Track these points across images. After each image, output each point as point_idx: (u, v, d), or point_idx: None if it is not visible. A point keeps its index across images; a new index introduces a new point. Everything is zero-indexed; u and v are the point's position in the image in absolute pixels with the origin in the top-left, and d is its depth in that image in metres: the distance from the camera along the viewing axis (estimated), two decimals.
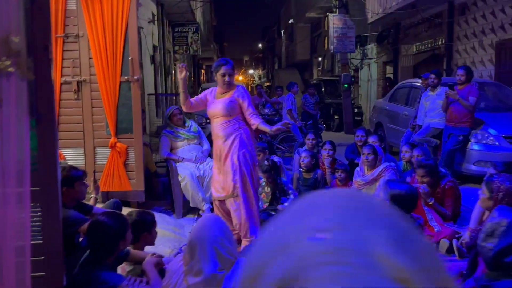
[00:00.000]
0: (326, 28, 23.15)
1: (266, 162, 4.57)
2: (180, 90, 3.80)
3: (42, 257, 2.12)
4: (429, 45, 12.20)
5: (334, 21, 14.12)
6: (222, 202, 3.83)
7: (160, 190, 5.83)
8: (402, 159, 5.07)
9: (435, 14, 11.27)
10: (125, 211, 3.51)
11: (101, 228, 2.15)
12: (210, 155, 5.31)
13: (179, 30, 17.05)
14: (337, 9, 14.53)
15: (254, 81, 52.30)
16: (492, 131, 5.88)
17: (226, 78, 3.66)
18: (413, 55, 13.53)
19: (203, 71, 36.22)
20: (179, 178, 4.85)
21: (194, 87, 26.58)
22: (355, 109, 15.70)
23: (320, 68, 24.81)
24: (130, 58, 4.37)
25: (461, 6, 10.26)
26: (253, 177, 3.70)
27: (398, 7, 11.46)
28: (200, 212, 4.92)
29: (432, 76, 6.43)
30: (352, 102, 15.60)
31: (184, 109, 3.91)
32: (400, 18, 12.99)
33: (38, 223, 2.11)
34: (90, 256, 2.17)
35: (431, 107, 6.39)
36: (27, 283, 2.14)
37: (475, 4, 9.70)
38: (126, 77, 4.40)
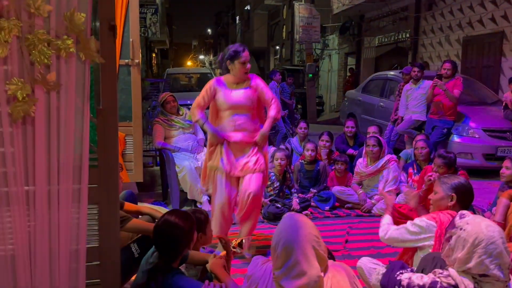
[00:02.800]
0: (285, 17, 23.18)
1: (283, 147, 4.46)
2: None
3: (98, 262, 1.90)
4: (393, 38, 12.56)
5: (300, 10, 14.11)
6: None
7: (147, 180, 5.55)
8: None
9: (401, 8, 11.60)
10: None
11: (173, 230, 1.94)
12: (205, 144, 5.11)
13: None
14: None
15: (205, 67, 51.39)
16: (472, 124, 6.15)
17: (247, 65, 3.30)
18: (375, 47, 13.89)
19: (154, 54, 35.05)
20: (177, 169, 4.61)
21: (147, 71, 25.69)
22: (317, 99, 15.90)
23: (278, 56, 24.86)
24: (131, 40, 4.05)
25: (428, 1, 10.62)
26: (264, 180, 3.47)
27: None
28: (198, 204, 4.73)
29: (416, 69, 6.58)
30: None
31: (194, 118, 3.48)
32: (365, 10, 13.24)
33: (95, 225, 1.88)
34: (160, 261, 1.96)
35: (413, 100, 6.56)
36: None
37: (443, 0, 10.07)
38: (126, 61, 4.08)
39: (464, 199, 2.42)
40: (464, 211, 1.82)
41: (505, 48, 8.37)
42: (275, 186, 4.47)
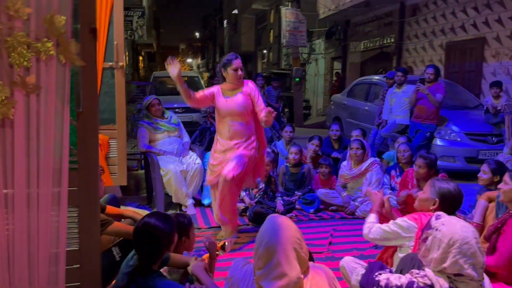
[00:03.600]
0: (272, 21, 23.30)
1: (269, 150, 4.52)
2: (178, 87, 3.54)
3: (78, 266, 1.89)
4: (378, 43, 12.72)
5: (286, 15, 14.20)
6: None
7: (131, 184, 5.51)
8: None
9: (386, 13, 11.75)
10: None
11: (153, 231, 1.94)
12: (190, 148, 5.11)
13: (124, 14, 16.19)
14: (289, 3, 14.63)
15: (192, 71, 51.32)
16: (454, 127, 6.26)
17: (239, 72, 3.52)
18: (361, 52, 14.05)
19: (141, 58, 34.86)
20: (162, 173, 4.60)
21: (134, 74, 25.54)
22: (303, 103, 15.99)
23: (265, 60, 24.96)
24: (115, 43, 4.04)
25: (412, 7, 10.79)
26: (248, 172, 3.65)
27: (352, 4, 11.79)
28: (183, 208, 4.72)
29: (399, 73, 6.69)
30: None
31: (190, 104, 3.65)
32: (351, 15, 13.39)
33: (75, 228, 1.87)
34: (140, 264, 1.96)
35: (397, 104, 6.66)
36: None
37: (426, 6, 10.24)
38: (109, 63, 4.07)
39: (447, 206, 2.40)
40: (440, 212, 1.86)
41: (486, 54, 8.55)
42: (260, 188, 4.50)
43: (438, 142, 6.23)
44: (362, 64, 14.20)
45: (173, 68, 3.49)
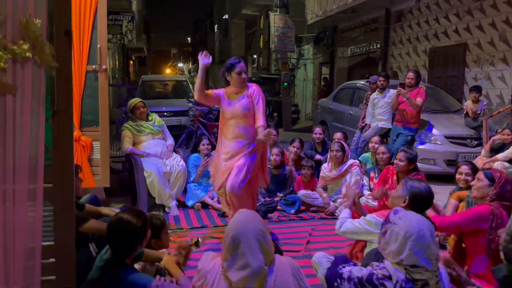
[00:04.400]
0: (261, 26, 23.46)
1: None
2: (199, 75, 3.57)
3: (53, 260, 1.96)
4: (364, 49, 12.90)
5: (275, 20, 14.37)
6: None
7: (116, 186, 5.56)
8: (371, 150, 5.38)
9: (372, 19, 11.95)
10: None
11: (125, 226, 2.03)
12: (174, 150, 5.19)
13: (113, 18, 16.25)
14: (278, 9, 14.80)
15: (183, 75, 51.37)
16: (435, 131, 6.41)
17: (242, 75, 3.57)
18: (348, 58, 14.23)
19: (131, 62, 34.83)
20: (145, 174, 4.67)
21: (124, 78, 25.54)
22: (292, 107, 16.13)
23: (255, 65, 25.10)
24: (98, 46, 4.11)
25: (397, 14, 10.99)
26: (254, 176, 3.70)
27: (338, 10, 11.97)
28: (166, 209, 4.78)
29: (381, 78, 6.83)
30: None
31: (197, 97, 3.66)
32: (338, 21, 13.58)
33: (50, 223, 1.94)
34: (113, 257, 2.04)
35: (380, 108, 6.80)
36: (36, 287, 1.95)
37: (410, 13, 10.45)
38: (93, 66, 4.14)
39: (416, 205, 2.51)
40: (399, 208, 1.96)
41: (468, 59, 8.74)
42: None
43: (419, 145, 6.36)
44: (350, 69, 14.38)
45: (206, 59, 3.54)
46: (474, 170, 3.68)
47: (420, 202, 2.55)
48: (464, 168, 3.89)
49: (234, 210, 3.61)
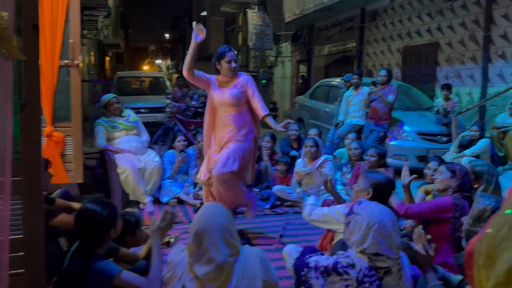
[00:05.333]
0: (240, 24, 23.46)
1: None
2: (190, 51, 3.50)
3: (22, 253, 1.95)
4: (340, 47, 13.08)
5: (253, 18, 14.39)
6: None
7: (90, 182, 5.51)
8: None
9: (348, 18, 12.12)
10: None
11: (90, 215, 2.05)
12: (149, 146, 5.17)
13: (89, 13, 15.97)
14: (256, 6, 14.83)
15: (161, 72, 50.84)
16: (406, 127, 6.57)
17: (232, 64, 3.53)
18: (325, 56, 14.40)
19: (108, 58, 34.30)
20: (119, 170, 4.65)
21: (99, 75, 25.14)
22: (270, 105, 16.21)
23: None
24: (71, 41, 4.06)
25: (372, 13, 11.18)
26: (244, 166, 3.67)
27: (315, 9, 12.08)
28: (141, 205, 4.77)
29: (355, 76, 6.97)
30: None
31: (185, 73, 3.57)
32: (315, 20, 13.71)
33: (19, 216, 1.93)
34: (81, 247, 2.06)
35: (353, 105, 6.93)
36: (4, 281, 1.95)
37: (385, 12, 10.64)
38: (65, 61, 4.08)
39: (380, 195, 2.64)
40: (362, 199, 2.04)
41: (440, 58, 8.98)
42: None
43: (390, 141, 6.52)
44: (326, 67, 14.55)
45: (199, 36, 3.45)
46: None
47: (382, 192, 2.67)
48: (432, 164, 4.01)
49: (218, 201, 3.57)
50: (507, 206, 0.61)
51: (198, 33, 3.46)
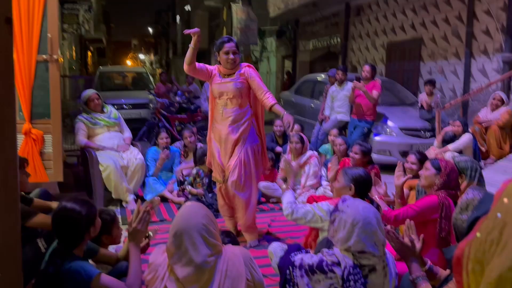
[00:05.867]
0: (225, 18, 23.28)
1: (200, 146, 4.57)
2: (191, 45, 3.36)
3: None
4: (325, 43, 13.10)
5: (238, 12, 14.28)
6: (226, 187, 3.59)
7: (71, 181, 5.40)
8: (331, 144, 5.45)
9: (333, 14, 12.12)
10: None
11: (69, 214, 1.98)
12: (132, 143, 5.08)
13: (70, 7, 15.67)
14: (240, 1, 14.72)
15: (145, 67, 50.27)
16: (390, 123, 6.60)
17: (230, 55, 3.42)
18: (310, 51, 14.40)
19: (90, 53, 33.77)
20: (101, 168, 4.55)
21: (81, 70, 24.74)
22: None
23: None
24: (49, 35, 3.96)
25: (356, 8, 11.20)
26: (257, 169, 3.62)
27: (300, 4, 12.06)
28: (124, 203, 4.69)
29: (340, 72, 6.96)
30: None
31: (186, 67, 3.47)
32: (300, 15, 13.69)
33: None
34: (59, 247, 1.99)
35: (338, 101, 6.93)
36: None
37: (369, 7, 10.67)
38: (43, 56, 3.98)
39: (361, 190, 2.67)
40: (347, 196, 2.01)
41: (423, 53, 9.05)
42: (204, 182, 4.58)
43: (375, 137, 6.54)
44: (311, 62, 14.55)
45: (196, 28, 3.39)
46: (422, 159, 3.81)
47: (363, 186, 2.69)
48: (411, 157, 4.02)
49: (232, 202, 3.62)
50: (496, 209, 0.58)
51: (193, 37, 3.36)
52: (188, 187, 4.69)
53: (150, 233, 2.43)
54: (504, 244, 0.53)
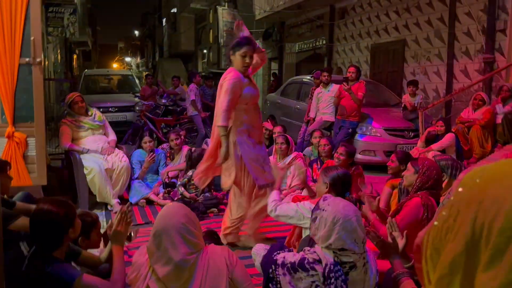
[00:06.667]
0: (211, 21, 23.30)
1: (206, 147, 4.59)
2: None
3: None
4: (311, 45, 13.19)
5: (223, 15, 14.33)
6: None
7: (55, 184, 5.35)
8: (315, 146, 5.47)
9: (318, 16, 12.22)
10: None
11: (46, 215, 1.96)
12: (117, 146, 5.07)
13: (54, 10, 15.51)
14: (226, 3, 14.76)
15: (131, 70, 50.00)
16: (375, 124, 6.68)
17: (247, 59, 3.23)
18: (296, 53, 14.48)
19: (75, 56, 33.45)
20: (85, 171, 4.53)
21: (67, 73, 24.49)
22: None
23: (206, 60, 24.92)
24: (32, 38, 3.93)
25: (341, 10, 11.31)
26: None
27: (285, 6, 12.13)
28: (109, 207, 4.67)
29: (325, 74, 7.03)
30: None
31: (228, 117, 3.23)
32: (285, 17, 13.76)
33: None
34: (38, 250, 1.97)
35: (323, 102, 7.01)
36: None
37: (353, 9, 10.79)
38: (26, 59, 3.95)
39: (337, 188, 2.72)
40: (327, 195, 2.05)
41: (407, 55, 9.17)
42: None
43: (359, 137, 6.62)
44: (297, 64, 14.63)
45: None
46: (404, 158, 3.87)
47: (339, 184, 2.74)
48: (392, 156, 4.08)
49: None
50: (452, 198, 0.62)
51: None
52: (181, 189, 4.69)
53: (132, 233, 2.43)
54: (457, 230, 0.56)
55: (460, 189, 0.60)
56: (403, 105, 7.11)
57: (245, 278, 1.96)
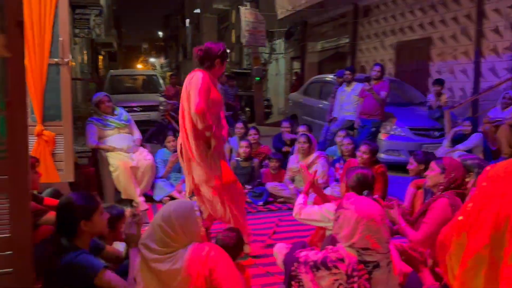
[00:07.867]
0: (233, 21, 23.40)
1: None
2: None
3: (10, 252, 1.94)
4: (334, 44, 13.08)
5: (246, 15, 14.33)
6: None
7: (82, 181, 5.48)
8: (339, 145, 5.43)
9: (341, 14, 12.12)
10: None
11: (65, 205, 2.08)
12: (142, 144, 5.15)
13: (81, 12, 15.88)
14: (248, 3, 14.78)
15: (155, 70, 50.71)
16: (399, 123, 6.58)
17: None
18: (318, 52, 14.40)
19: (101, 57, 34.14)
20: (111, 169, 4.63)
21: (92, 74, 25.02)
22: (265, 102, 16.18)
23: (228, 60, 25.02)
24: (60, 39, 4.04)
25: (364, 8, 11.18)
26: None
27: (307, 5, 12.07)
28: (134, 203, 4.76)
29: (347, 72, 6.98)
30: None
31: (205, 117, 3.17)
32: (307, 16, 13.70)
33: (6, 215, 1.92)
34: (54, 234, 2.09)
35: (346, 101, 6.95)
36: None
37: (377, 7, 10.65)
38: (55, 60, 4.06)
39: (358, 186, 2.70)
40: (351, 193, 2.04)
41: (432, 53, 9.00)
42: None
43: (383, 137, 6.53)
44: (320, 63, 14.55)
45: None
46: (422, 158, 3.79)
47: (361, 183, 2.71)
48: (411, 158, 3.98)
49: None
50: (476, 194, 0.61)
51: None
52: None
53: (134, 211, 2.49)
54: (481, 224, 0.56)
55: (484, 184, 0.60)
56: (428, 104, 6.98)
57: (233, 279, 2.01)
